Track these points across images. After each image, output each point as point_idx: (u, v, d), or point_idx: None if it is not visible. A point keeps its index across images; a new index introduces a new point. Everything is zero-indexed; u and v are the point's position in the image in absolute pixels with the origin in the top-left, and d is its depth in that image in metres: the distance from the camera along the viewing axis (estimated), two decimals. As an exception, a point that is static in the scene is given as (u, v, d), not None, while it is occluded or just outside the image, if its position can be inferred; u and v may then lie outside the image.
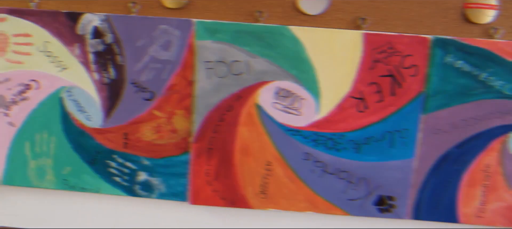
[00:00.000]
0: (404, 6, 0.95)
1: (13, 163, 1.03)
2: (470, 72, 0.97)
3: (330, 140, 1.01)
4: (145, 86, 1.00)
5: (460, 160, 1.01)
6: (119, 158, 1.04)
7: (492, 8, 0.96)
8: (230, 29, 0.97)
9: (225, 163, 1.02)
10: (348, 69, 0.97)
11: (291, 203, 1.04)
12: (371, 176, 1.02)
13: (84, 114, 1.03)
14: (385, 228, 1.03)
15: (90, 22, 0.99)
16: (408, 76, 0.97)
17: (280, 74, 0.98)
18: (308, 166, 1.02)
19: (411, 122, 0.99)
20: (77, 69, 1.01)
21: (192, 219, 1.05)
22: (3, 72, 1.01)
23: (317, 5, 0.97)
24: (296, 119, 1.00)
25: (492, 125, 0.99)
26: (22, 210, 1.07)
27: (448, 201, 1.03)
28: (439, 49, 0.96)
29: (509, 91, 0.97)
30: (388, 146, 1.00)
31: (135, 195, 1.05)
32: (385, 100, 0.99)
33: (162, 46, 0.99)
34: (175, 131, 1.02)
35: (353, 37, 0.96)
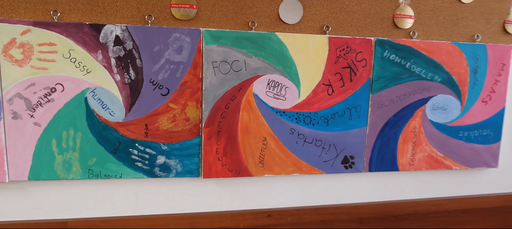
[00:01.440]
0: (355, 16, 1.27)
1: (39, 160, 1.04)
2: (399, 62, 1.33)
3: (307, 118, 1.28)
4: (161, 84, 1.17)
5: (396, 125, 1.37)
6: (140, 146, 1.18)
7: (411, 18, 1.34)
8: (231, 36, 1.18)
9: (231, 142, 1.23)
10: (319, 64, 1.26)
11: (282, 168, 1.29)
12: (337, 142, 1.32)
13: (108, 110, 1.14)
14: (349, 180, 1.35)
15: (112, 32, 1.12)
16: (360, 67, 1.29)
17: (270, 69, 1.22)
18: (293, 139, 1.28)
19: (363, 100, 1.32)
20: (100, 72, 1.12)
21: (204, 190, 1.24)
22: (28, 77, 1.09)
23: (293, 16, 1.24)
24: (283, 103, 1.25)
25: (415, 99, 1.36)
26: (47, 202, 1.11)
27: (390, 155, 1.38)
28: (379, 47, 1.30)
29: (424, 75, 1.35)
30: (348, 119, 1.32)
31: (155, 176, 1.20)
32: (345, 85, 1.29)
33: (175, 50, 1.16)
34: (188, 119, 1.20)
35: (321, 40, 1.25)
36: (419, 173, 1.33)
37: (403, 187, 1.32)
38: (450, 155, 1.34)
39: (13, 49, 0.99)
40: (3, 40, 0.98)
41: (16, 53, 0.99)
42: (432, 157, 1.32)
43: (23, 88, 1.01)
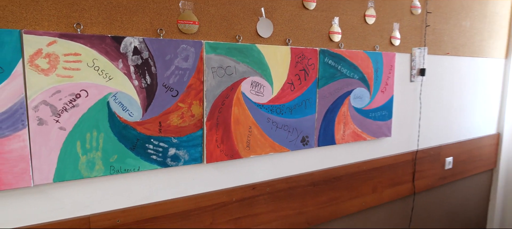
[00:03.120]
0: (306, 33, 1.67)
1: (64, 162, 1.11)
2: (334, 66, 1.81)
3: (278, 109, 1.63)
4: (172, 87, 1.33)
5: (333, 111, 1.84)
6: (155, 141, 1.32)
7: (339, 34, 1.83)
8: (225, 46, 1.43)
9: (226, 132, 1.48)
10: (284, 68, 1.62)
11: (262, 149, 1.60)
12: (297, 126, 1.72)
13: (127, 112, 1.25)
14: (305, 155, 1.76)
15: (131, 43, 1.24)
16: (310, 69, 1.72)
17: (252, 72, 1.53)
18: (269, 126, 1.61)
19: (313, 94, 1.75)
20: (121, 79, 1.22)
21: (205, 174, 1.45)
22: (54, 85, 1.12)
23: (267, 32, 1.57)
24: (261, 98, 1.57)
25: (343, 92, 1.86)
26: (70, 201, 1.16)
27: (330, 133, 1.85)
28: (322, 55, 1.75)
29: (348, 74, 1.86)
30: (304, 108, 1.73)
31: (167, 166, 1.36)
32: (301, 83, 1.70)
33: (183, 59, 1.34)
34: (193, 115, 1.40)
35: (286, 50, 1.61)
36: (348, 145, 1.85)
37: (338, 156, 1.81)
38: (365, 130, 1.89)
39: (39, 59, 1.06)
40: (29, 51, 1.05)
41: (42, 63, 1.07)
42: (355, 133, 1.85)
43: (49, 95, 1.09)
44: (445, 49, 2.25)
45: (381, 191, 2.04)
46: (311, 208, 1.75)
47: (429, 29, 2.11)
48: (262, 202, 1.58)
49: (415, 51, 2.07)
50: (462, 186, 2.62)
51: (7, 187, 1.05)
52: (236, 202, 1.50)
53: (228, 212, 1.49)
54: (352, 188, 1.89)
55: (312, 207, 1.75)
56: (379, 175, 2.00)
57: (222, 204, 1.47)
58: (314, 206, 1.76)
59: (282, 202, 1.64)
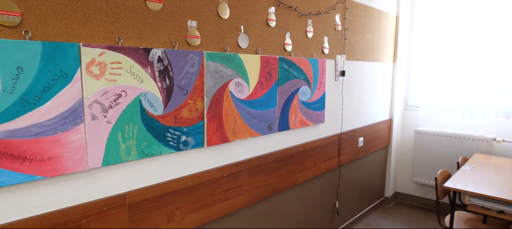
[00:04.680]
0: (268, 44, 2.17)
1: (109, 149, 1.39)
2: (287, 69, 2.36)
3: (252, 103, 2.10)
4: (183, 87, 1.67)
5: (288, 104, 2.39)
6: (172, 130, 1.64)
7: (290, 45, 2.39)
8: (218, 55, 1.83)
9: (220, 122, 1.88)
10: (256, 71, 2.09)
11: (243, 134, 2.04)
12: (265, 116, 2.21)
13: (153, 108, 1.55)
14: (270, 138, 2.27)
15: (156, 54, 1.54)
16: (273, 72, 2.23)
17: (236, 75, 1.95)
18: (248, 116, 2.06)
19: (274, 91, 2.26)
20: (149, 81, 1.52)
21: (205, 155, 1.82)
22: (103, 87, 1.37)
23: (245, 44, 2.02)
24: (242, 95, 2.01)
25: (294, 89, 2.43)
26: (110, 181, 1.44)
27: (286, 121, 2.39)
28: (280, 61, 2.27)
29: (297, 75, 2.43)
30: (269, 102, 2.23)
31: (180, 150, 1.69)
32: (268, 83, 2.20)
33: (191, 65, 1.70)
34: (198, 109, 1.76)
35: (257, 58, 2.09)
36: (298, 130, 2.42)
37: (291, 138, 2.37)
38: (308, 118, 2.49)
39: (93, 66, 1.36)
40: (86, 60, 1.33)
41: (95, 69, 1.36)
42: (302, 120, 2.44)
43: (99, 95, 1.39)
44: (356, 56, 3.02)
45: (319, 165, 2.68)
46: (275, 180, 2.27)
47: (346, 41, 2.84)
48: (243, 176, 2.04)
49: (338, 57, 2.77)
50: (369, 159, 3.48)
51: (70, 171, 1.31)
52: (226, 176, 1.93)
53: (220, 185, 1.91)
54: (301, 163, 2.48)
55: (275, 179, 2.27)
56: (317, 153, 2.64)
57: (216, 179, 1.88)
58: (277, 178, 2.28)
59: (256, 176, 2.13)
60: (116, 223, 1.47)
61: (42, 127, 1.23)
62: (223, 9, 1.81)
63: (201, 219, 1.82)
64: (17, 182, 1.19)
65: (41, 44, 1.20)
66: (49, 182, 1.28)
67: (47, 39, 1.22)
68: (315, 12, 2.45)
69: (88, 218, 1.38)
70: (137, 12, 1.46)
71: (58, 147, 1.27)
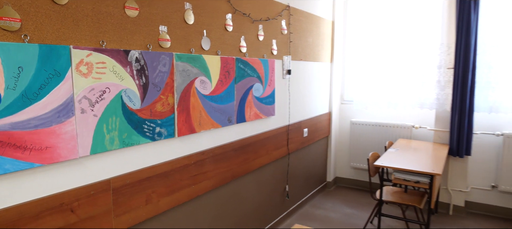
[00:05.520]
0: (225, 46, 2.48)
1: (96, 139, 1.58)
2: (243, 68, 2.68)
3: (215, 98, 2.38)
4: (157, 84, 1.89)
5: (244, 99, 2.71)
6: (148, 122, 1.85)
7: (245, 47, 2.71)
8: (185, 56, 2.08)
9: (188, 115, 2.12)
10: (217, 70, 2.37)
11: (207, 126, 2.31)
12: (225, 110, 2.50)
13: (132, 102, 1.75)
14: (230, 129, 2.56)
15: (134, 55, 1.75)
16: (231, 71, 2.53)
17: (200, 74, 2.22)
18: (211, 110, 2.33)
19: (232, 88, 2.57)
20: (128, 79, 1.72)
21: (176, 145, 2.06)
22: (90, 85, 1.54)
23: (207, 46, 2.29)
24: (206, 91, 2.28)
25: (249, 86, 2.75)
26: (96, 168, 1.62)
27: (243, 114, 2.71)
28: (237, 62, 2.58)
29: (251, 74, 2.77)
30: (228, 97, 2.53)
31: (155, 140, 1.91)
32: (227, 80, 2.49)
33: (163, 65, 1.92)
34: (169, 104, 1.99)
35: (218, 58, 2.37)
36: (252, 122, 2.77)
37: (247, 130, 2.71)
38: (261, 111, 2.85)
39: (82, 66, 1.56)
40: (75, 60, 1.54)
41: (83, 69, 1.57)
42: (256, 113, 2.79)
43: (87, 92, 1.59)
44: (300, 57, 3.45)
45: (271, 153, 3.05)
46: (234, 166, 2.59)
47: (291, 44, 3.25)
48: (208, 163, 2.32)
49: (284, 58, 3.16)
50: (313, 148, 3.95)
51: (63, 159, 1.50)
52: (193, 163, 2.20)
53: (189, 171, 2.17)
54: (255, 151, 2.82)
55: (235, 166, 2.59)
56: (269, 142, 3.01)
57: (186, 166, 2.14)
58: (235, 165, 2.60)
59: (219, 163, 2.42)
60: (103, 205, 1.67)
61: (40, 120, 1.41)
62: (189, 16, 2.08)
63: (174, 201, 2.07)
64: (20, 169, 1.36)
65: (38, 46, 1.38)
66: (46, 169, 1.45)
67: (43, 42, 1.40)
68: (265, 18, 2.81)
69: (79, 202, 1.57)
70: (118, 19, 1.68)
71: (54, 137, 1.46)
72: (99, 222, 1.65)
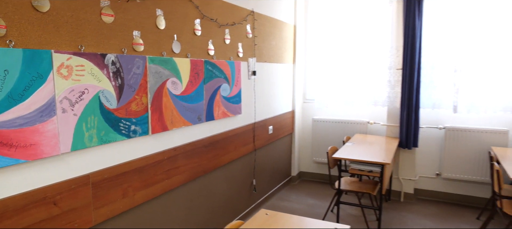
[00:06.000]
0: (194, 50, 2.65)
1: (76, 137, 1.70)
2: (211, 70, 2.86)
3: (185, 98, 2.54)
4: (132, 85, 2.03)
5: (212, 99, 2.89)
6: (124, 121, 1.98)
7: (211, 50, 2.89)
8: (158, 59, 2.23)
9: (161, 114, 2.27)
10: (187, 72, 2.54)
11: (179, 124, 2.46)
12: (195, 109, 2.67)
13: (109, 102, 1.88)
14: (200, 127, 2.73)
15: (110, 58, 1.87)
16: (200, 72, 2.70)
17: (172, 75, 2.37)
18: (182, 109, 2.49)
19: (202, 88, 2.74)
20: (105, 81, 1.85)
21: (150, 142, 2.20)
22: (70, 86, 1.65)
23: (177, 49, 2.44)
24: (177, 91, 2.44)
25: (217, 86, 2.94)
26: (77, 164, 1.74)
27: (211, 113, 2.88)
28: (205, 63, 2.76)
29: (219, 75, 2.96)
30: (197, 97, 2.70)
31: (130, 137, 2.04)
32: (196, 81, 2.66)
33: (137, 67, 2.06)
34: (143, 103, 2.13)
35: (187, 60, 2.53)
36: (221, 120, 2.96)
37: (216, 127, 2.90)
38: (229, 110, 3.05)
39: (62, 69, 1.69)
40: (57, 64, 1.67)
41: (64, 71, 1.70)
42: (224, 112, 2.99)
43: (68, 92, 1.72)
44: (264, 59, 3.69)
45: (239, 149, 3.26)
46: (205, 162, 2.77)
47: (256, 47, 3.48)
48: (180, 159, 2.49)
49: (250, 60, 3.38)
50: (278, 144, 4.20)
51: (46, 155, 1.62)
52: (166, 159, 2.36)
53: (162, 166, 2.33)
54: (224, 147, 3.02)
55: (205, 161, 2.77)
56: (237, 139, 3.21)
57: (159, 161, 2.30)
58: (206, 160, 2.78)
59: (190, 159, 2.59)
60: (83, 198, 1.80)
61: (24, 119, 1.52)
62: (160, 22, 2.24)
63: (149, 194, 2.22)
64: (6, 165, 1.47)
65: (22, 51, 1.50)
66: (30, 165, 1.57)
67: (27, 47, 1.52)
68: (231, 23, 3.01)
69: (61, 195, 1.70)
70: (95, 24, 1.82)
71: (37, 135, 1.57)
72: (80, 214, 1.78)
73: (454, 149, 3.90)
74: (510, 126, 3.73)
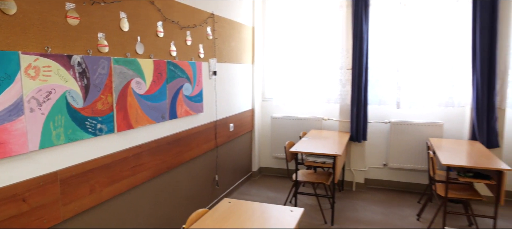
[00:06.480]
0: (157, 51, 2.75)
1: (44, 135, 1.76)
2: (173, 70, 2.97)
3: (149, 97, 2.63)
4: (98, 85, 2.10)
5: (175, 98, 3.00)
6: (90, 119, 2.05)
7: (174, 51, 3.01)
8: (122, 60, 2.31)
9: (125, 113, 2.35)
10: (151, 72, 2.63)
11: (143, 122, 2.55)
12: (159, 108, 2.76)
13: (75, 101, 1.94)
14: (163, 125, 2.84)
15: (76, 59, 1.93)
16: (163, 73, 2.81)
17: (136, 76, 2.46)
18: (146, 108, 2.58)
19: (165, 88, 2.85)
20: (72, 81, 1.90)
21: (116, 139, 2.27)
22: (38, 86, 1.70)
23: (141, 50, 2.53)
24: (141, 91, 2.53)
25: (179, 86, 3.05)
26: (45, 162, 1.79)
27: (174, 111, 2.99)
28: (168, 64, 2.86)
29: (181, 75, 3.08)
30: (161, 96, 2.80)
31: (96, 135, 2.11)
32: (160, 81, 2.76)
33: (102, 68, 2.13)
34: (109, 103, 2.20)
35: (150, 61, 2.63)
36: (183, 118, 3.09)
37: (179, 125, 3.03)
38: (191, 109, 3.20)
39: (30, 70, 1.76)
40: (24, 65, 1.73)
41: (31, 72, 1.77)
42: (186, 110, 3.13)
43: (35, 92, 1.79)
44: (224, 59, 3.86)
45: (201, 146, 3.40)
46: (169, 158, 2.89)
47: (216, 48, 3.64)
48: (145, 155, 2.59)
49: (210, 60, 3.54)
50: (239, 141, 4.39)
51: (15, 153, 1.68)
52: (132, 156, 2.46)
53: (128, 163, 2.43)
54: (187, 145, 3.15)
55: (169, 158, 2.89)
56: (199, 136, 3.36)
57: (125, 158, 2.40)
58: (170, 157, 2.90)
59: (154, 156, 2.71)
60: (51, 195, 1.87)
61: (-6, 118, 1.58)
62: (124, 24, 2.34)
63: (115, 190, 2.31)
64: (-24, 162, 1.52)
65: (-9, 52, 1.56)
66: (0, 163, 1.62)
67: (-5, 48, 1.58)
68: (192, 25, 3.15)
69: (30, 192, 1.76)
70: (61, 27, 1.89)
71: (6, 134, 1.63)
72: (48, 210, 1.85)
73: (398, 141, 4.32)
74: (445, 119, 4.21)
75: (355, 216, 3.65)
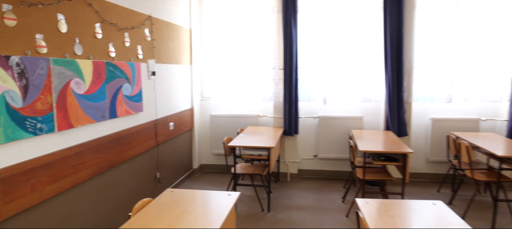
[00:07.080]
0: (95, 51, 2.80)
1: None
2: (113, 71, 3.05)
3: (89, 97, 2.69)
4: (37, 85, 2.13)
5: (115, 98, 3.08)
6: (30, 119, 2.07)
7: (114, 52, 3.08)
8: (61, 61, 2.35)
9: (66, 112, 2.39)
10: (90, 73, 2.69)
11: (84, 121, 2.60)
12: (99, 107, 2.82)
13: (15, 101, 1.96)
14: (103, 124, 2.90)
15: (14, 60, 1.96)
16: (102, 73, 2.87)
17: (75, 76, 2.51)
18: (86, 107, 2.63)
19: (104, 88, 2.91)
20: (10, 82, 1.92)
21: (56, 139, 2.31)
22: None
23: (80, 51, 2.58)
24: (80, 91, 2.58)
25: (119, 86, 3.13)
26: None
27: (114, 111, 3.08)
28: (107, 65, 2.93)
29: (121, 75, 3.16)
30: (100, 96, 2.86)
31: (37, 135, 2.13)
32: (99, 81, 2.82)
33: (41, 68, 2.16)
34: (48, 102, 2.23)
35: (89, 62, 2.69)
36: (123, 117, 3.19)
37: (119, 124, 3.12)
38: (130, 108, 3.30)
39: None
40: None
41: None
42: (126, 110, 3.23)
43: None
44: (163, 60, 3.99)
45: (142, 144, 3.51)
46: (110, 156, 2.97)
47: (155, 49, 3.77)
48: (86, 154, 2.67)
49: (149, 61, 3.66)
50: (179, 139, 4.54)
51: (-46, 152, 1.71)
52: (73, 155, 2.52)
53: (70, 162, 2.49)
54: (128, 143, 3.25)
55: (111, 156, 2.98)
56: (140, 135, 3.47)
57: (66, 157, 2.46)
58: (112, 155, 2.99)
59: (96, 154, 2.78)
60: (-8, 193, 1.90)
61: None
62: (62, 26, 2.40)
63: (57, 188, 2.36)
64: None
65: None
66: None
67: None
68: (130, 27, 3.25)
69: (-30, 191, 1.79)
70: (-2, 28, 1.93)
71: None
72: (-11, 208, 1.88)
73: (325, 134, 4.82)
74: (364, 113, 4.80)
75: (289, 203, 4.03)
